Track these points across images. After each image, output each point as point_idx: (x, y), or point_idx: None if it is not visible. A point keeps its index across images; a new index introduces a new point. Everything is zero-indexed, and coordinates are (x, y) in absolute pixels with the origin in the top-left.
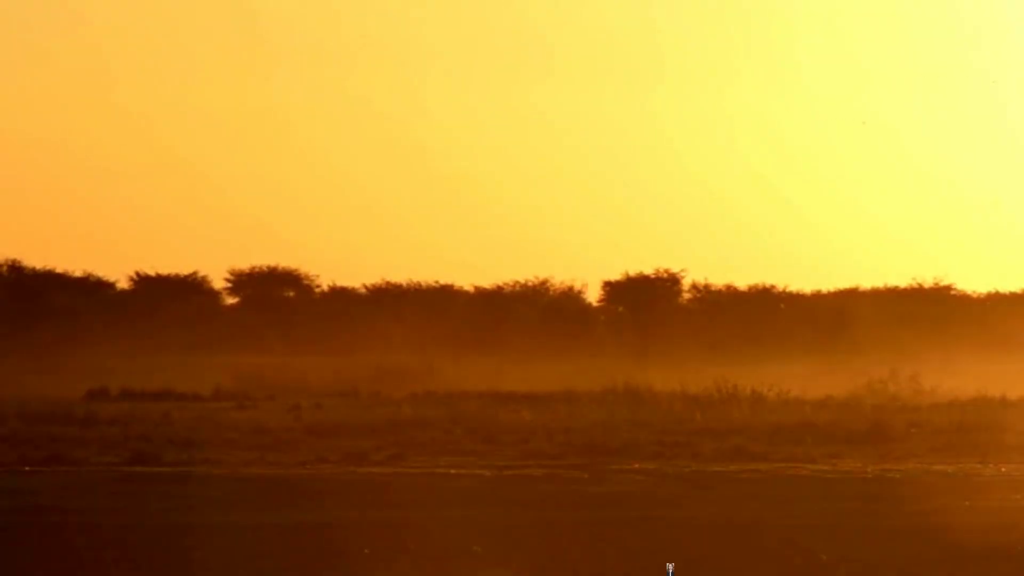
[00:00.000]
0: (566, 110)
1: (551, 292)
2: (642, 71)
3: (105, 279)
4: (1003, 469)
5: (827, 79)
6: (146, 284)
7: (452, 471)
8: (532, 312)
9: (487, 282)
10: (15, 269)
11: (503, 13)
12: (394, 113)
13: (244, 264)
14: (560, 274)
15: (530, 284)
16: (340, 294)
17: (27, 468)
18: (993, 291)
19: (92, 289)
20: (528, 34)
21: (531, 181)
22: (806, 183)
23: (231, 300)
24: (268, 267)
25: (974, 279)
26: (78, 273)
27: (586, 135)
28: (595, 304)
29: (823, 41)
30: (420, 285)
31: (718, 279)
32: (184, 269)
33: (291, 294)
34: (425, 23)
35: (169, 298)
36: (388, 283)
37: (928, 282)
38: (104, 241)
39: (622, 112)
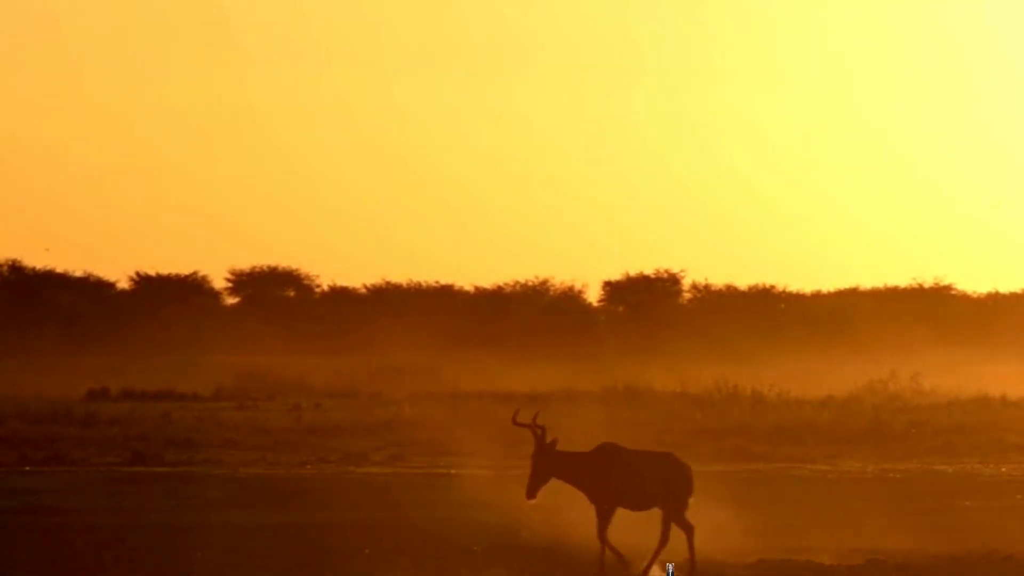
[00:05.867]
0: (568, 110)
1: (551, 292)
2: (645, 69)
3: (105, 279)
4: (1003, 469)
5: (830, 80)
6: (146, 284)
7: (452, 471)
8: (532, 312)
9: (487, 282)
10: (15, 269)
11: (512, 13)
12: (395, 114)
13: (244, 264)
14: (560, 274)
15: (530, 284)
16: (340, 294)
17: (27, 468)
18: (993, 291)
19: (92, 289)
20: (532, 31)
21: (531, 181)
22: (806, 183)
23: (231, 300)
24: (268, 267)
25: (974, 279)
26: (78, 273)
27: (587, 135)
28: (595, 304)
29: (828, 41)
30: (420, 285)
31: (718, 279)
32: (184, 269)
33: (291, 294)
34: (426, 25)
35: (169, 298)
36: (388, 283)
37: (928, 282)
38: (104, 241)
39: (624, 112)
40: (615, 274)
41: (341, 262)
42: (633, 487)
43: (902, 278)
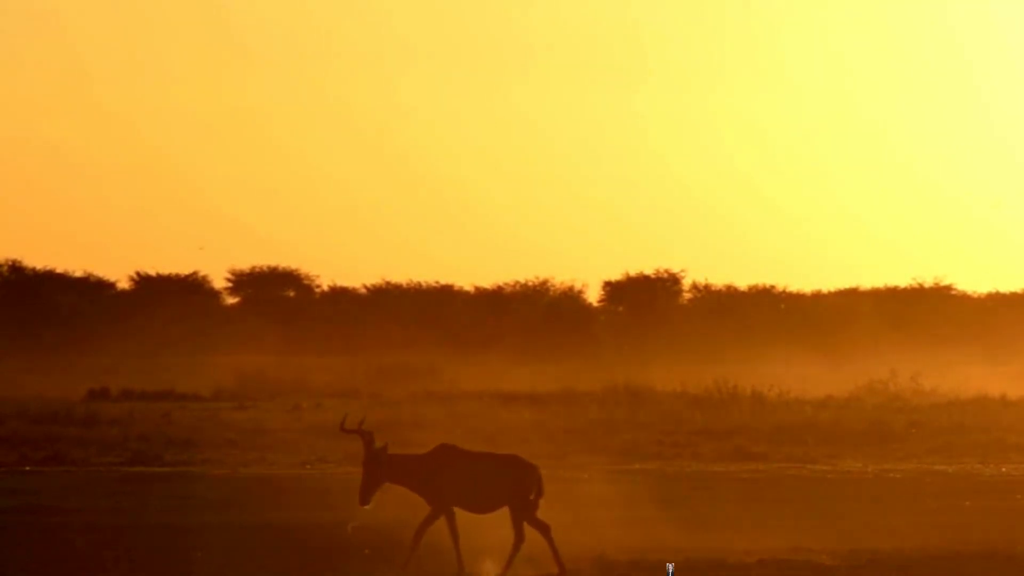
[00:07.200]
0: (568, 110)
1: (551, 292)
2: (646, 70)
3: (105, 279)
4: (1003, 469)
5: (830, 80)
6: (146, 284)
7: None
8: (532, 312)
9: (487, 282)
10: (15, 269)
11: (513, 13)
12: (396, 114)
13: (244, 264)
14: (560, 274)
15: (530, 284)
16: (340, 294)
17: (27, 468)
18: (993, 291)
19: (92, 289)
20: (533, 31)
21: (531, 181)
22: (806, 183)
23: (231, 300)
24: (268, 267)
25: (974, 279)
26: (78, 273)
27: (588, 135)
28: (595, 304)
29: (828, 41)
30: (420, 285)
31: (718, 279)
32: (184, 269)
33: (291, 294)
34: (427, 26)
35: (169, 298)
36: (388, 283)
37: (928, 282)
38: (104, 241)
39: (624, 113)
40: (615, 274)
41: (341, 262)
42: (473, 489)
43: (902, 278)
